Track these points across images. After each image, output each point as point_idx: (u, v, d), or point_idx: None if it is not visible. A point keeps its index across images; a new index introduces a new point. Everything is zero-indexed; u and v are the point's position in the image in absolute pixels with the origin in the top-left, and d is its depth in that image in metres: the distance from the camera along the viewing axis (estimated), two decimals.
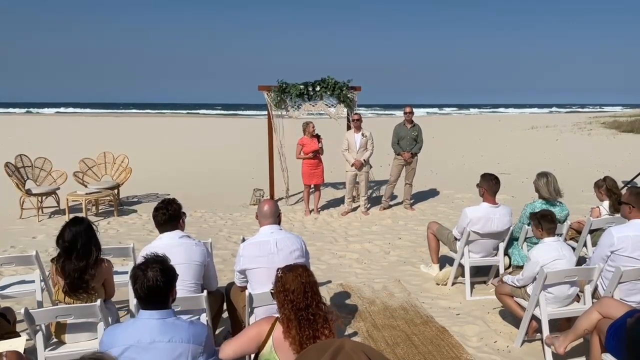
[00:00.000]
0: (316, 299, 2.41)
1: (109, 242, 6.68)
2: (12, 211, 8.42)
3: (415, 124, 8.43)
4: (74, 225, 3.31)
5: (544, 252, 3.73)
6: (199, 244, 3.51)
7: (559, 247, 3.79)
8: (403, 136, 8.36)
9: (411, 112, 8.43)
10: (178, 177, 12.60)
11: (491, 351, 3.81)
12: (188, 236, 3.52)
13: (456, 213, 7.92)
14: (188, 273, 3.31)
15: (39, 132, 26.68)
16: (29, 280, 4.19)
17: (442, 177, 12.35)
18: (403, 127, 8.43)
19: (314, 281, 2.46)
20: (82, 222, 3.36)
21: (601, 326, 3.02)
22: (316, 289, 2.44)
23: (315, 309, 2.38)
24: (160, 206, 3.52)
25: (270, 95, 8.80)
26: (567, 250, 3.82)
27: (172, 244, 3.34)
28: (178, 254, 3.25)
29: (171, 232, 3.47)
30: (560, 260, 3.68)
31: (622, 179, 8.71)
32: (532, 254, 3.79)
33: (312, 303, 2.39)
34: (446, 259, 5.64)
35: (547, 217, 3.90)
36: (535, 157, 16.38)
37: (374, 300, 4.81)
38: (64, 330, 3.22)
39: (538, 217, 3.93)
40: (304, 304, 2.37)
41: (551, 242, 3.81)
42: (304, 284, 2.40)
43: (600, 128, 28.01)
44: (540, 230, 3.88)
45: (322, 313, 2.40)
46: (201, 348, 2.31)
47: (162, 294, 2.31)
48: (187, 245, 3.41)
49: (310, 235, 7.23)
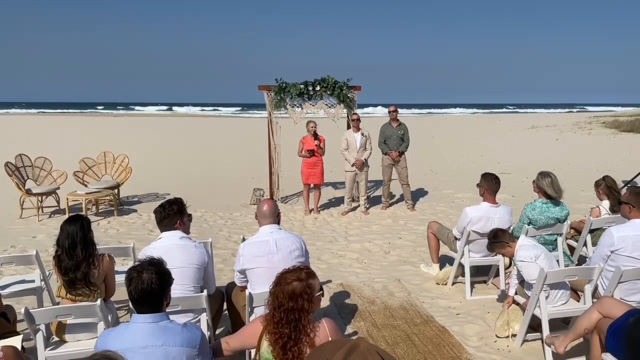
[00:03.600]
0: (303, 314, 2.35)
1: (109, 241, 6.68)
2: (12, 211, 8.43)
3: (401, 123, 8.45)
4: (69, 224, 3.33)
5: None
6: (199, 246, 3.48)
7: (532, 244, 3.95)
8: (389, 135, 8.38)
9: (396, 111, 8.46)
10: (178, 176, 12.60)
11: (491, 351, 3.81)
12: (189, 238, 3.50)
13: (456, 213, 7.92)
14: (186, 276, 3.29)
15: (39, 132, 26.69)
16: (29, 280, 4.20)
17: (442, 177, 12.36)
18: (389, 126, 8.44)
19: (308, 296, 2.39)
20: (77, 220, 3.37)
21: (601, 326, 3.02)
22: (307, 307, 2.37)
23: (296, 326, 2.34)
24: (162, 204, 3.53)
25: (270, 95, 8.80)
26: (539, 245, 3.98)
27: (172, 246, 3.32)
28: (177, 256, 3.25)
29: (171, 232, 3.44)
30: (541, 256, 3.79)
31: (622, 178, 8.71)
32: (522, 265, 3.84)
33: (300, 317, 2.34)
34: (446, 258, 5.64)
35: (498, 233, 4.09)
36: (535, 156, 16.38)
37: (374, 299, 4.81)
38: (64, 329, 3.22)
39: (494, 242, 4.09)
40: (292, 317, 2.33)
41: (522, 242, 3.95)
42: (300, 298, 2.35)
43: (600, 128, 28.01)
44: (509, 244, 4.00)
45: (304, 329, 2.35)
46: (195, 351, 2.31)
47: (156, 297, 2.30)
48: (186, 248, 3.38)
49: (310, 234, 7.23)
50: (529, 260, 3.77)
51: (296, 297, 2.34)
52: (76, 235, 3.29)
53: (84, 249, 3.30)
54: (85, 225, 3.37)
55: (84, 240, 3.32)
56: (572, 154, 16.95)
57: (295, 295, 2.33)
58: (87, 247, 3.33)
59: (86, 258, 3.29)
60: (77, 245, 3.28)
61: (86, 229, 3.37)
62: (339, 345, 1.36)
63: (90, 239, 3.38)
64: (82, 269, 3.27)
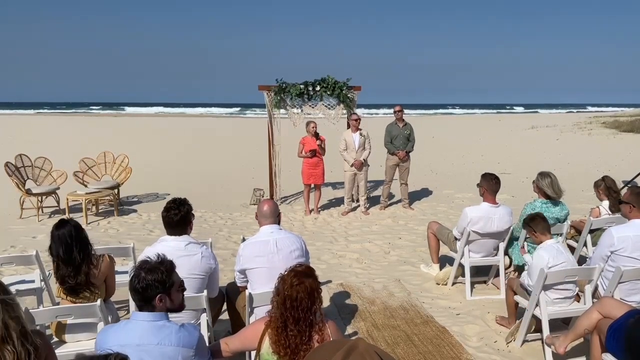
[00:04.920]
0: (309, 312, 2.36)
1: (109, 241, 6.68)
2: (12, 211, 8.42)
3: (406, 123, 8.46)
4: (59, 229, 3.23)
5: (549, 255, 3.64)
6: (206, 253, 3.34)
7: (563, 249, 3.75)
8: (396, 135, 8.39)
9: (401, 111, 8.46)
10: (178, 176, 12.60)
11: (491, 351, 3.81)
12: (195, 243, 3.37)
13: (456, 213, 7.91)
14: (189, 286, 3.13)
15: (39, 131, 26.69)
16: (29, 280, 4.19)
17: (442, 177, 12.36)
18: (395, 126, 8.45)
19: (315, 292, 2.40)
20: (66, 224, 3.25)
21: (601, 326, 3.02)
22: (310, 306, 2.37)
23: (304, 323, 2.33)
24: (172, 206, 3.34)
25: (270, 95, 8.80)
26: (567, 253, 3.78)
27: (177, 254, 3.09)
28: (181, 265, 3.06)
29: (178, 237, 3.32)
30: (565, 264, 3.64)
31: (622, 178, 8.70)
32: (533, 261, 3.73)
33: (307, 316, 2.34)
34: (446, 258, 5.63)
35: (536, 219, 3.85)
36: (535, 156, 16.38)
37: (374, 300, 4.81)
38: (64, 330, 3.22)
39: (528, 222, 3.88)
40: (299, 315, 2.32)
41: (551, 244, 3.75)
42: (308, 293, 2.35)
43: (600, 128, 28.00)
44: (535, 234, 3.83)
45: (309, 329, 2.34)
46: (192, 352, 2.31)
47: (157, 296, 2.31)
48: (192, 256, 3.26)
49: (310, 235, 7.23)
50: (539, 261, 3.66)
51: (313, 294, 2.35)
52: (69, 238, 3.19)
53: (81, 250, 3.23)
54: (75, 226, 3.26)
55: (79, 242, 3.23)
56: (572, 154, 16.95)
57: (312, 292, 2.35)
58: (84, 248, 3.25)
59: (84, 259, 3.23)
60: (73, 249, 3.19)
61: (78, 230, 3.26)
62: (338, 346, 1.36)
63: (84, 238, 3.29)
64: (82, 271, 3.21)
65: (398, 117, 8.41)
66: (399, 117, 8.41)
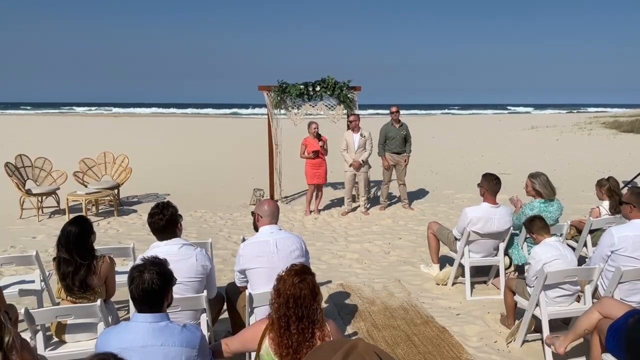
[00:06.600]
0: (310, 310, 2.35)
1: (109, 242, 6.68)
2: (12, 211, 8.42)
3: (402, 123, 8.46)
4: (71, 226, 3.28)
5: (544, 251, 3.73)
6: (200, 255, 3.31)
7: (560, 246, 3.79)
8: (392, 136, 8.38)
9: (398, 112, 8.46)
10: (178, 176, 12.60)
11: (491, 351, 3.81)
12: (188, 245, 3.35)
13: (456, 213, 7.91)
14: (185, 289, 3.20)
15: (39, 131, 26.69)
16: (29, 280, 4.19)
17: (442, 177, 12.36)
18: (391, 127, 8.44)
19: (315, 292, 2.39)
20: (79, 223, 3.30)
21: (601, 326, 3.02)
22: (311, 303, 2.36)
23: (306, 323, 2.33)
24: (156, 211, 3.29)
25: (270, 96, 8.81)
26: (567, 250, 3.82)
27: (172, 259, 2.96)
28: (178, 270, 3.00)
29: (170, 241, 3.29)
30: (558, 261, 3.67)
31: (622, 179, 8.70)
32: (532, 254, 3.79)
33: (307, 314, 2.33)
34: (446, 259, 5.63)
35: (535, 220, 3.94)
36: (535, 157, 16.38)
37: (374, 300, 4.81)
38: (64, 330, 3.22)
39: (527, 225, 3.98)
40: (301, 313, 2.31)
41: (552, 241, 3.81)
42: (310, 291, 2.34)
43: (600, 128, 28.00)
44: (535, 234, 3.91)
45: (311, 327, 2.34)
46: (195, 352, 2.31)
47: (157, 297, 2.30)
48: (187, 260, 3.23)
49: (310, 235, 7.23)
50: (537, 259, 3.70)
51: (315, 290, 2.35)
52: (76, 237, 3.23)
53: (84, 254, 3.25)
54: (87, 229, 3.30)
55: (84, 245, 3.25)
56: (572, 155, 16.95)
57: (314, 287, 2.35)
58: (87, 253, 3.28)
59: (85, 263, 3.25)
60: (76, 249, 3.22)
61: (88, 233, 3.30)
62: (338, 346, 1.36)
63: (90, 243, 3.33)
64: (80, 273, 3.23)
65: (394, 118, 8.41)
66: (396, 118, 8.41)
